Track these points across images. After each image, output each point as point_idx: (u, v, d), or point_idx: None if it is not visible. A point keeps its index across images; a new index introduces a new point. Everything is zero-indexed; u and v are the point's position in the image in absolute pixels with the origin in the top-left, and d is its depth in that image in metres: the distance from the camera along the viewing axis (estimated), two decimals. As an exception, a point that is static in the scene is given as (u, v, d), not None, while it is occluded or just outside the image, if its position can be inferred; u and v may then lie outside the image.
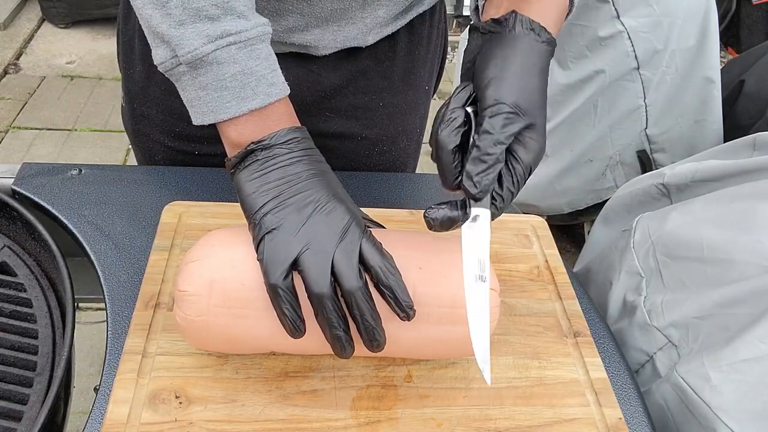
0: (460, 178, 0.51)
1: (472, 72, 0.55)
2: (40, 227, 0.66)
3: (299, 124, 0.56)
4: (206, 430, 0.54)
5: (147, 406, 0.55)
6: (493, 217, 0.52)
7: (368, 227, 0.53)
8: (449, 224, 0.52)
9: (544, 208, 1.97)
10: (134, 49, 0.80)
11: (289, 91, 0.56)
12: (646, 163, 1.78)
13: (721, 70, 1.69)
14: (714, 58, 1.65)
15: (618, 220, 1.01)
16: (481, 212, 0.51)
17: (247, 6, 0.55)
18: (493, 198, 0.52)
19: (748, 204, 0.72)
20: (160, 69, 0.56)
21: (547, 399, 0.61)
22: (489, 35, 0.55)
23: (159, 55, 0.55)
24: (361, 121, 0.85)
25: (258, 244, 0.50)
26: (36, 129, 2.48)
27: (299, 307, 0.50)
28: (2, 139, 2.41)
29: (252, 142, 0.53)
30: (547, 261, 0.75)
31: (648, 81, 1.68)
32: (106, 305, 0.64)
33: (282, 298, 0.49)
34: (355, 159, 0.88)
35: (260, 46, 0.55)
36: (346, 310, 0.50)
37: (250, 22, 0.55)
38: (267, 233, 0.50)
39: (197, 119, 0.56)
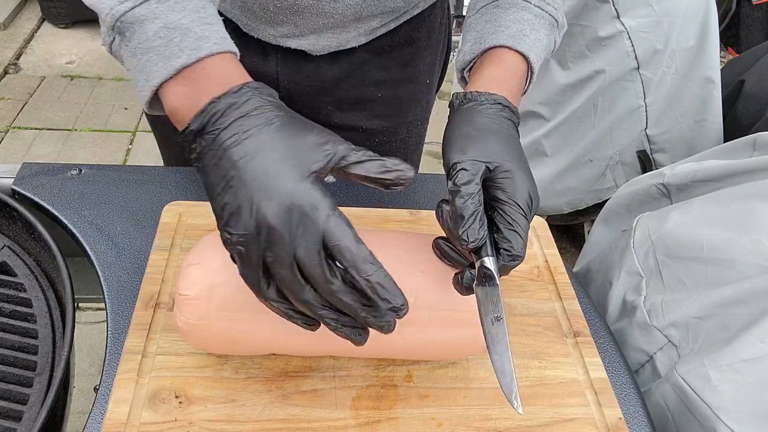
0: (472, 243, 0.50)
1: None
2: (40, 227, 0.66)
3: (248, 79, 0.48)
4: (206, 430, 0.54)
5: (147, 406, 0.55)
6: (511, 263, 0.50)
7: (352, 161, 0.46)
8: (471, 283, 0.51)
9: (544, 208, 1.97)
10: None
11: (232, 49, 0.49)
12: (646, 163, 1.78)
13: (721, 70, 1.69)
14: (714, 58, 1.65)
15: (618, 220, 1.01)
16: (485, 261, 0.50)
17: None
18: (499, 247, 0.50)
19: (748, 204, 0.72)
20: (109, 52, 0.51)
21: (547, 399, 0.61)
22: (460, 105, 0.57)
23: (102, 37, 0.51)
24: (362, 112, 0.84)
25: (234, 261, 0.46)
26: (36, 129, 2.48)
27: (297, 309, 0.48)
28: (2, 139, 2.41)
29: (195, 115, 0.45)
30: (547, 261, 0.75)
31: (648, 81, 1.68)
32: (106, 305, 0.64)
33: (278, 308, 0.46)
34: None
35: None
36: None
37: None
38: (234, 252, 0.45)
39: (142, 100, 0.49)
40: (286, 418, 0.56)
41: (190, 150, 0.47)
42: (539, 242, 0.77)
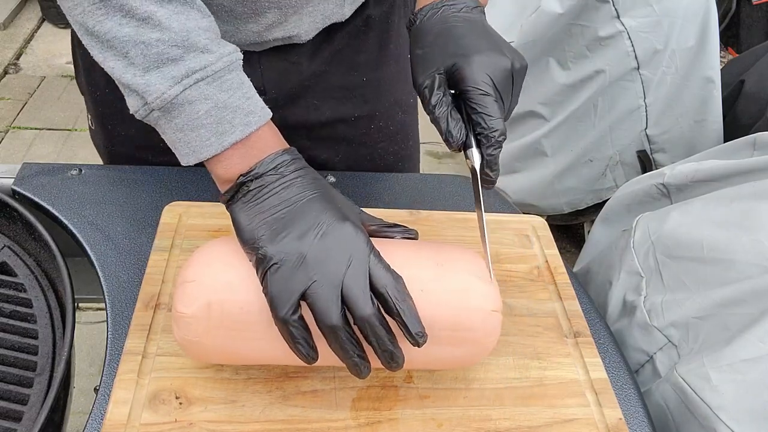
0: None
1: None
2: (40, 227, 0.66)
3: (287, 146, 0.55)
4: (206, 431, 0.54)
5: (147, 406, 0.55)
6: (490, 143, 0.54)
7: (373, 229, 0.53)
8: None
9: (544, 208, 1.97)
10: (100, 71, 0.72)
11: (270, 115, 0.55)
12: (646, 163, 1.78)
13: (721, 70, 1.69)
14: (714, 58, 1.65)
15: (618, 220, 1.01)
16: (467, 153, 0.55)
17: (210, 38, 0.54)
18: (477, 135, 0.54)
19: (748, 204, 0.72)
20: (137, 117, 0.55)
21: (547, 399, 0.61)
22: (410, 32, 0.60)
23: (131, 104, 0.54)
24: (350, 101, 0.84)
25: (262, 278, 0.49)
26: (36, 129, 2.48)
27: (311, 338, 0.49)
28: (2, 139, 2.41)
29: (241, 175, 0.52)
30: (547, 261, 0.75)
31: (648, 81, 1.68)
32: (106, 305, 0.64)
33: (292, 332, 0.48)
34: (356, 141, 0.87)
35: (230, 76, 0.54)
36: (360, 336, 0.49)
37: (215, 54, 0.53)
38: (269, 267, 0.48)
39: (183, 160, 0.55)
40: (286, 418, 0.56)
41: (235, 192, 0.53)
42: (539, 242, 0.77)
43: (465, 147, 0.55)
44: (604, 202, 1.14)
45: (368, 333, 0.48)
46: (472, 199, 0.84)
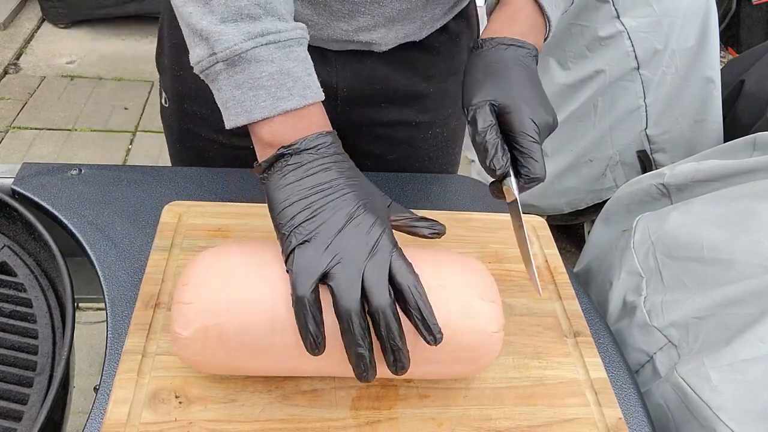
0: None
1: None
2: (40, 227, 0.66)
3: (330, 129, 0.56)
4: (206, 430, 0.54)
5: (147, 405, 0.55)
6: (531, 184, 0.58)
7: (401, 223, 0.55)
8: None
9: (544, 208, 1.97)
10: (186, 51, 0.81)
11: (323, 97, 0.57)
12: (646, 163, 1.78)
13: (721, 70, 1.69)
14: (714, 58, 1.65)
15: (618, 220, 1.01)
16: (507, 182, 0.59)
17: (287, 11, 0.56)
18: (520, 172, 0.58)
19: (748, 204, 0.72)
20: (196, 69, 0.56)
21: (547, 399, 0.61)
22: (471, 53, 0.64)
23: (196, 54, 0.56)
24: (414, 107, 0.87)
25: (288, 255, 0.50)
26: (36, 129, 2.48)
27: (322, 323, 0.49)
28: (2, 139, 2.41)
29: (283, 146, 0.53)
30: (547, 261, 0.75)
31: (648, 81, 1.68)
32: (106, 305, 0.64)
33: (308, 310, 0.48)
34: (409, 142, 0.90)
35: (298, 48, 0.56)
36: (372, 330, 0.49)
37: (290, 24, 0.56)
38: (298, 245, 0.50)
39: (230, 121, 0.55)
40: (286, 418, 0.56)
41: (272, 163, 0.54)
42: (539, 242, 0.77)
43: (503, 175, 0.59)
44: (604, 202, 1.14)
45: (380, 324, 0.49)
46: (473, 199, 0.85)
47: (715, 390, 0.61)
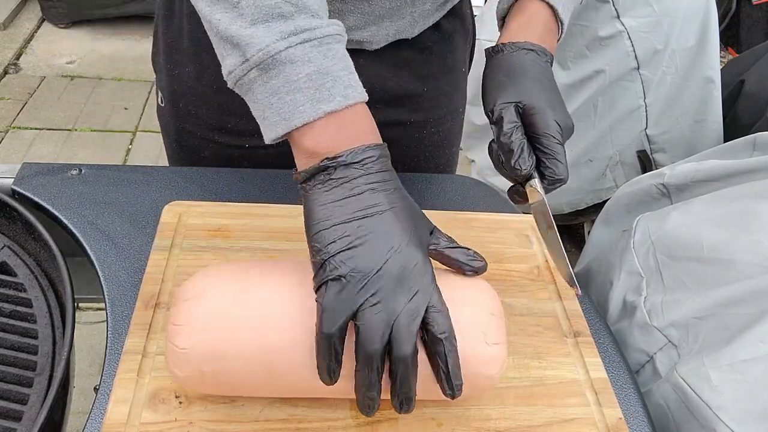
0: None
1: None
2: (40, 227, 0.66)
3: (380, 140, 0.52)
4: (206, 430, 0.54)
5: (147, 405, 0.55)
6: (555, 185, 0.60)
7: (439, 251, 0.53)
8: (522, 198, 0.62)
9: (543, 208, 1.97)
10: (181, 50, 0.81)
11: (367, 98, 0.53)
12: (646, 163, 1.78)
13: (721, 70, 1.69)
14: (714, 58, 1.65)
15: (618, 220, 1.01)
16: (532, 183, 0.60)
17: (321, 8, 0.53)
18: (543, 173, 0.60)
19: (748, 204, 0.72)
20: (230, 82, 0.53)
21: (547, 399, 0.61)
22: (492, 57, 0.64)
23: (228, 64, 0.52)
24: (408, 107, 0.87)
25: (319, 285, 0.47)
26: (36, 129, 2.49)
27: (341, 360, 0.47)
28: (2, 139, 2.41)
29: (327, 158, 0.49)
30: (547, 261, 0.75)
31: (648, 81, 1.68)
32: (106, 305, 0.64)
33: (332, 349, 0.46)
34: (405, 142, 0.89)
35: (336, 46, 0.52)
36: (386, 372, 0.48)
37: (324, 20, 0.52)
38: (332, 279, 0.46)
39: (269, 133, 0.51)
40: (286, 418, 0.56)
41: (314, 174, 0.50)
42: (539, 242, 0.77)
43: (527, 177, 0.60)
44: (604, 202, 1.14)
45: (399, 373, 0.47)
46: (474, 199, 0.85)
47: (715, 390, 0.61)
